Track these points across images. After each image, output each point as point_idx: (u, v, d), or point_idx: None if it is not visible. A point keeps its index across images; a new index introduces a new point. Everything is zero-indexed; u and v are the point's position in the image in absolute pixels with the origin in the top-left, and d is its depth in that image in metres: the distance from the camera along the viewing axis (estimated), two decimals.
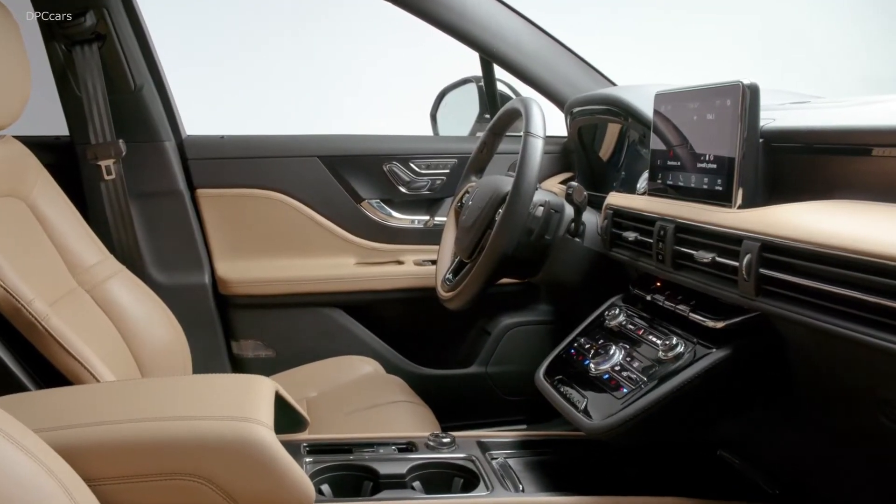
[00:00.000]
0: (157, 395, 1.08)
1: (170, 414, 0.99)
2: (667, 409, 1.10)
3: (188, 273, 1.98)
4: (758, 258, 1.00)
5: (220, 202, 2.01)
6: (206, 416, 0.99)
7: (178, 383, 1.16)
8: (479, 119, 2.26)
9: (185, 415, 0.99)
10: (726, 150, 1.14)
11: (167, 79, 2.00)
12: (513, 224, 1.47)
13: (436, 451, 1.28)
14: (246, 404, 1.02)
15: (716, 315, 1.15)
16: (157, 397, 1.07)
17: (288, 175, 2.03)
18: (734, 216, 1.08)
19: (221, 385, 1.13)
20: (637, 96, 1.59)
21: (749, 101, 1.10)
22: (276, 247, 2.05)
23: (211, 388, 1.11)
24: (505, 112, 1.72)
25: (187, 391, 1.10)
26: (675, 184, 1.28)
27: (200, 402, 1.04)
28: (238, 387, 1.11)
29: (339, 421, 1.60)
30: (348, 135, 2.11)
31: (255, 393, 1.08)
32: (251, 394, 1.07)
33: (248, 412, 1.00)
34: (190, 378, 1.19)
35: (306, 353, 1.97)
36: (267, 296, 2.02)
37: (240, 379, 1.16)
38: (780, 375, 1.13)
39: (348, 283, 2.04)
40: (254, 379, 1.14)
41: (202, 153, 2.00)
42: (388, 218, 2.11)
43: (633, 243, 1.35)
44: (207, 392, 1.09)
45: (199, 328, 1.93)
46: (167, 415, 0.99)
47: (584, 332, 1.40)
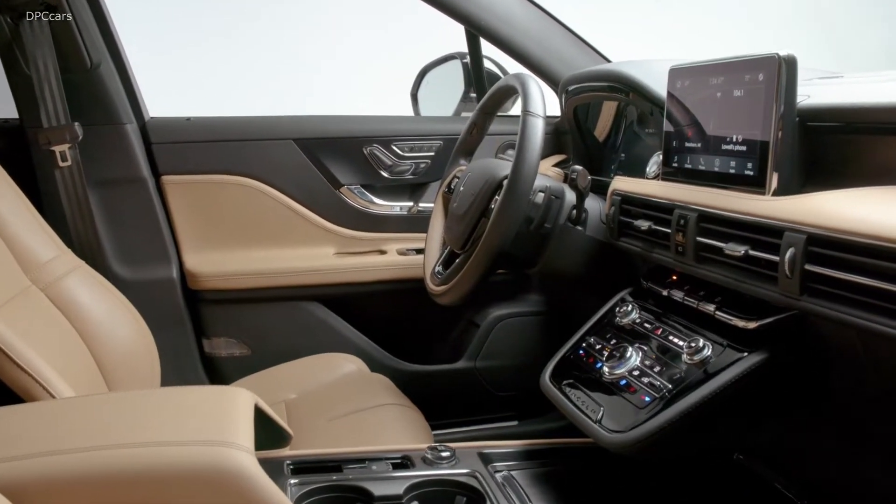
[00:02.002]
0: (119, 416, 0.95)
1: (134, 439, 0.87)
2: (698, 421, 0.99)
3: (154, 267, 1.86)
4: (803, 253, 0.89)
5: (188, 190, 1.89)
6: (177, 442, 0.87)
7: (144, 400, 1.02)
8: (464, 98, 2.14)
9: (152, 440, 0.87)
10: (758, 130, 1.03)
11: (127, 56, 1.85)
12: (512, 212, 1.34)
13: (434, 466, 1.16)
14: (222, 424, 0.91)
15: (745, 313, 1.04)
16: (120, 418, 0.94)
17: (261, 160, 1.91)
18: (771, 205, 0.97)
19: (194, 401, 1.00)
20: (644, 72, 1.47)
21: (786, 75, 0.99)
22: (249, 237, 1.93)
23: (182, 406, 0.98)
24: (498, 90, 1.59)
25: (155, 410, 0.97)
26: (696, 168, 1.17)
27: (170, 424, 0.93)
28: (213, 402, 0.99)
29: (323, 428, 1.48)
30: (326, 116, 1.99)
31: (232, 409, 0.97)
32: (228, 411, 0.96)
33: (225, 434, 0.89)
34: (158, 393, 1.06)
35: (284, 350, 1.87)
36: (240, 290, 1.90)
37: (214, 392, 1.05)
38: (817, 379, 1.02)
39: (327, 275, 1.93)
40: (230, 392, 1.03)
41: (167, 137, 1.88)
42: (370, 205, 2.00)
43: (646, 233, 1.24)
44: (178, 410, 0.96)
45: (167, 327, 1.82)
46: (131, 440, 0.87)
47: (592, 331, 1.29)
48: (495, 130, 1.78)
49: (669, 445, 1.01)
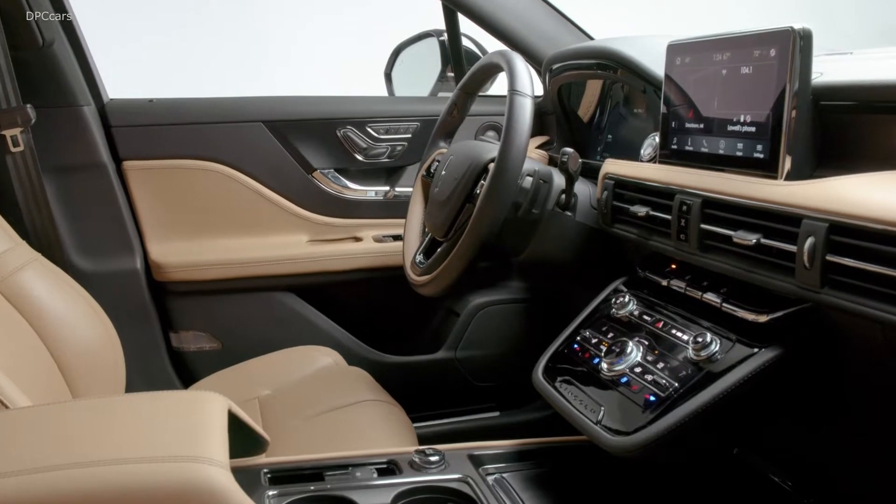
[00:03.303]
0: (80, 430, 0.86)
1: (98, 456, 0.79)
2: (708, 422, 0.92)
3: (116, 258, 1.77)
4: (825, 242, 0.82)
5: (151, 176, 1.79)
6: (145, 458, 0.80)
7: (108, 410, 0.93)
8: (440, 78, 2.06)
9: (117, 457, 0.79)
10: (769, 109, 0.96)
11: (83, 33, 1.73)
12: (501, 198, 1.26)
13: (423, 471, 1.09)
14: (194, 437, 0.84)
15: (754, 305, 0.97)
16: (81, 433, 0.85)
17: (229, 143, 1.82)
18: (787, 190, 0.90)
19: (163, 410, 0.92)
20: (636, 49, 1.39)
21: (801, 50, 0.92)
22: (217, 225, 1.84)
23: (150, 416, 0.90)
24: (480, 68, 1.51)
25: (120, 422, 0.88)
26: (697, 150, 1.10)
27: (137, 438, 0.84)
28: (183, 411, 0.91)
29: (301, 429, 1.40)
30: (297, 96, 1.90)
31: (203, 418, 0.89)
32: (199, 420, 0.88)
33: (196, 448, 0.81)
34: (123, 402, 0.97)
35: (256, 344, 1.78)
36: (208, 281, 1.81)
37: (184, 399, 0.96)
38: (831, 375, 0.96)
39: (301, 264, 1.85)
40: (200, 398, 0.95)
41: (128, 119, 1.77)
42: (344, 189, 1.92)
43: (644, 219, 1.17)
44: (145, 422, 0.88)
45: (131, 321, 1.74)
46: (94, 458, 0.78)
47: (587, 323, 1.21)
48: (474, 111, 1.70)
49: (678, 448, 0.95)
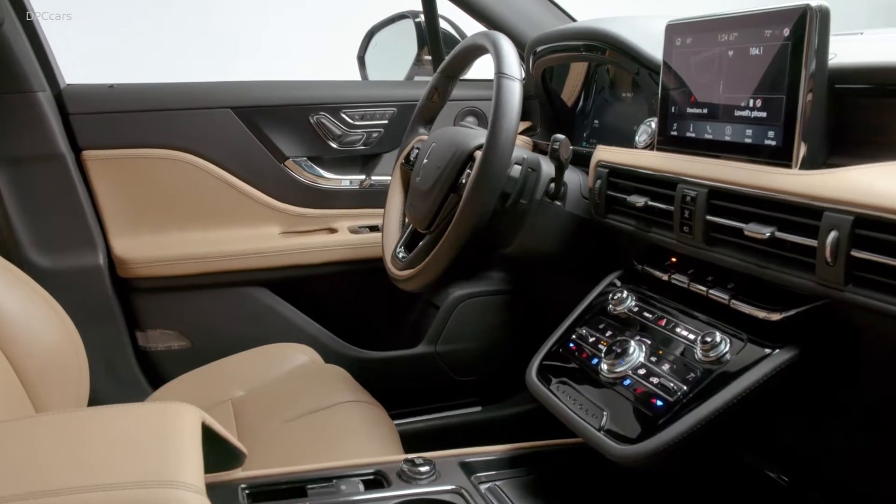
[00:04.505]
0: (41, 452, 0.78)
1: (62, 483, 0.72)
2: (722, 428, 0.86)
3: (77, 255, 1.66)
4: (850, 236, 0.77)
5: (113, 166, 1.69)
6: (114, 485, 0.73)
7: (72, 427, 0.85)
8: (416, 61, 1.97)
9: (83, 484, 0.72)
10: (782, 93, 0.90)
11: (36, 15, 1.62)
12: (490, 187, 1.19)
13: (413, 482, 1.02)
14: (165, 458, 0.77)
15: (765, 302, 0.91)
16: (43, 455, 0.77)
17: (195, 131, 1.72)
18: (805, 180, 0.84)
19: (132, 427, 0.84)
20: (627, 29, 1.32)
21: (819, 29, 0.86)
22: (184, 218, 1.75)
23: (118, 433, 0.83)
24: (463, 50, 1.43)
25: (86, 441, 0.81)
26: (700, 137, 1.03)
27: (105, 461, 0.77)
28: (154, 427, 0.84)
29: (278, 434, 1.32)
30: (267, 81, 1.81)
31: (176, 435, 0.82)
32: (171, 437, 0.81)
33: (168, 471, 0.74)
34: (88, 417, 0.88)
35: (228, 342, 1.70)
36: (176, 276, 1.72)
37: (155, 413, 0.89)
38: (847, 376, 0.91)
39: (273, 258, 1.77)
40: (171, 411, 0.87)
41: (87, 106, 1.67)
42: (318, 179, 1.83)
43: (642, 210, 1.10)
44: (113, 441, 0.81)
45: (95, 321, 1.65)
46: (58, 485, 0.72)
47: (582, 320, 1.15)
48: (453, 96, 1.62)
49: (689, 456, 0.89)
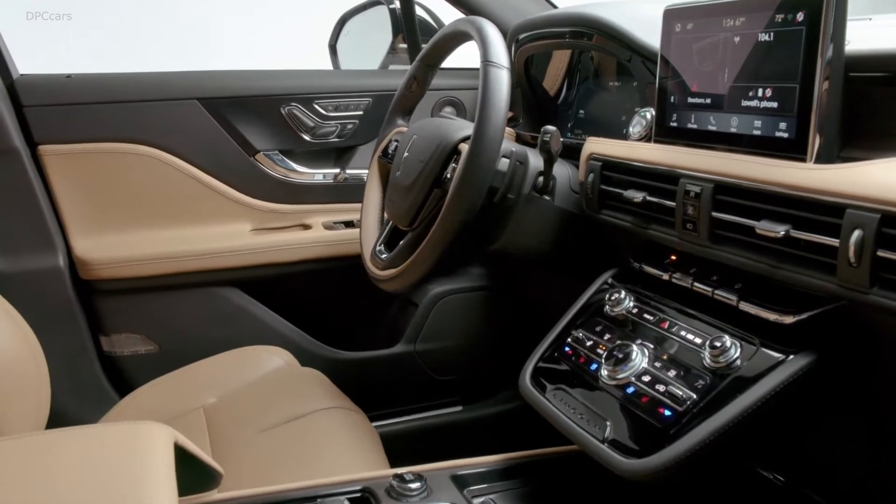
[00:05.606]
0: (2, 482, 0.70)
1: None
2: (736, 439, 0.81)
3: (35, 256, 1.57)
4: (876, 235, 0.71)
5: (72, 161, 1.60)
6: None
7: (35, 454, 0.77)
8: (392, 49, 1.89)
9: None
10: (795, 81, 0.84)
11: None
12: (478, 182, 1.13)
13: (403, 499, 0.95)
14: (136, 484, 0.71)
15: (774, 303, 0.86)
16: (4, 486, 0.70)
17: (160, 123, 1.64)
18: (823, 175, 0.78)
19: (99, 452, 0.77)
20: (615, 14, 1.26)
21: (836, 13, 0.80)
22: (149, 215, 1.67)
23: (85, 461, 0.75)
24: (445, 37, 1.36)
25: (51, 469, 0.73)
26: (703, 128, 0.97)
27: (70, 489, 0.70)
28: (123, 450, 0.78)
29: (254, 445, 1.25)
30: (236, 71, 1.73)
31: (146, 458, 0.76)
32: (141, 461, 0.75)
33: (140, 498, 0.69)
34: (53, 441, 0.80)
35: (198, 345, 1.63)
36: (142, 277, 1.64)
37: (124, 434, 0.82)
38: (863, 381, 0.86)
39: (244, 256, 1.69)
40: (142, 432, 0.81)
41: (43, 98, 1.58)
42: (290, 173, 1.76)
43: (640, 205, 1.04)
44: (80, 469, 0.74)
45: (55, 325, 1.56)
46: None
47: (577, 322, 1.09)
48: (431, 86, 1.55)
49: (701, 469, 0.84)
